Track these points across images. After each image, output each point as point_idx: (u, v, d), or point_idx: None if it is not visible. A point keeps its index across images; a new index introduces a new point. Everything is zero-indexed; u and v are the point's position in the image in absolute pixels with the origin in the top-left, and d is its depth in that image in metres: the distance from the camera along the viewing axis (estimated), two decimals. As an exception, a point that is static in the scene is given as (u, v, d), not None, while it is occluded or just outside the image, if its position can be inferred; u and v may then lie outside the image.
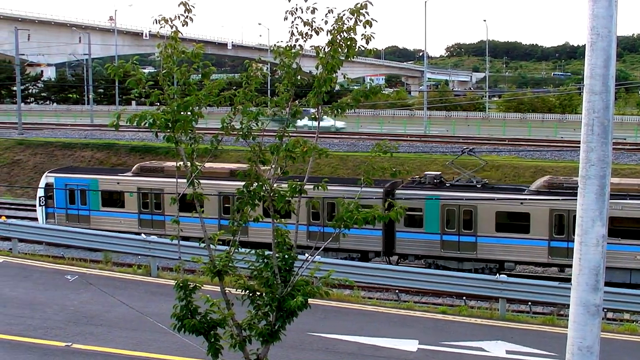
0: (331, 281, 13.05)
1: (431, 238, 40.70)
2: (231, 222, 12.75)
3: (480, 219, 39.94)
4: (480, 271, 38.89)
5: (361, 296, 31.19)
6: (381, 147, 12.43)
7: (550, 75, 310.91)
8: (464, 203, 39.95)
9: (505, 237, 39.62)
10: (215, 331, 12.64)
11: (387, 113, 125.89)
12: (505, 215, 40.09)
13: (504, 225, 39.90)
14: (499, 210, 39.97)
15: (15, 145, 78.37)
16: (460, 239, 40.24)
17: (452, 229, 40.34)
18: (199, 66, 12.48)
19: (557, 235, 38.62)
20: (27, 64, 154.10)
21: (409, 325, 25.76)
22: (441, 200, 39.87)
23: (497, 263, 40.11)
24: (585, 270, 8.12)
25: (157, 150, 68.25)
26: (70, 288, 28.50)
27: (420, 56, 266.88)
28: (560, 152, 65.78)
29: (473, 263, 40.31)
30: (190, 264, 14.68)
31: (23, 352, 21.23)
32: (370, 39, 12.07)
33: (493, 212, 39.88)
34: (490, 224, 39.93)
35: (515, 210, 39.78)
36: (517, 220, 39.74)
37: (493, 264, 40.14)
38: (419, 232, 40.45)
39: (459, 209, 40.20)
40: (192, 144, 12.44)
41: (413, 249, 41.31)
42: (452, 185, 41.90)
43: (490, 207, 39.67)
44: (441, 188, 41.27)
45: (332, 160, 62.11)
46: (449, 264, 40.48)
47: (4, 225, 36.74)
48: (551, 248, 38.85)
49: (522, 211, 39.47)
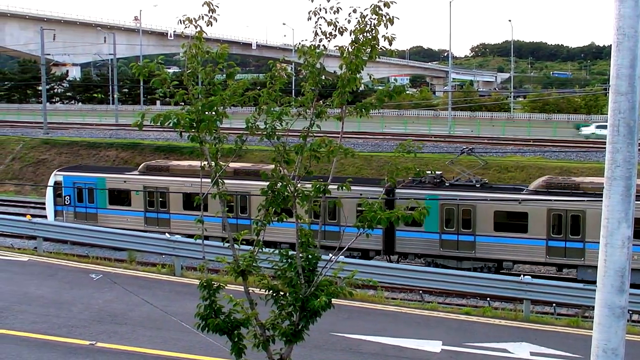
0: (355, 281, 13.04)
1: (430, 237, 41.09)
2: (255, 222, 12.74)
3: (479, 219, 40.23)
4: (479, 270, 38.93)
5: (385, 297, 31.16)
6: (405, 147, 12.40)
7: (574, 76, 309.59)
8: (462, 202, 40.14)
9: (503, 237, 39.90)
10: (238, 331, 12.63)
11: (411, 113, 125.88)
12: (504, 214, 40.44)
13: (503, 224, 40.23)
14: (498, 209, 40.33)
15: (41, 145, 78.75)
16: (459, 238, 40.41)
17: (451, 229, 40.59)
18: (223, 66, 12.48)
19: (554, 235, 38.75)
20: (52, 64, 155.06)
21: (433, 326, 25.70)
22: (440, 200, 39.98)
23: (495, 262, 40.45)
24: (610, 272, 8.07)
25: (182, 150, 68.40)
26: (95, 287, 28.60)
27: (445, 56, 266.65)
28: (586, 152, 65.54)
29: (472, 262, 40.62)
30: (214, 264, 14.69)
31: (48, 350, 21.32)
32: (393, 40, 12.04)
33: (491, 212, 40.25)
34: (489, 223, 40.26)
35: (514, 210, 40.08)
36: (516, 219, 39.99)
37: (491, 263, 40.44)
38: (418, 232, 40.58)
39: (458, 208, 40.43)
40: (216, 144, 12.44)
41: (412, 248, 41.77)
42: (452, 184, 42.20)
43: (489, 206, 39.99)
44: (440, 187, 41.49)
45: (357, 160, 62.09)
46: (448, 263, 40.80)
47: (29, 224, 36.92)
48: (549, 247, 39.11)
49: (520, 211, 39.73)
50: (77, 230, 37.49)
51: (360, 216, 12.26)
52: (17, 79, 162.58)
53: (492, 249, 40.03)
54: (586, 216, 38.04)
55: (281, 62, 13.10)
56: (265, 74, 12.79)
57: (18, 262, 32.60)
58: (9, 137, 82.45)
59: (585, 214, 38.05)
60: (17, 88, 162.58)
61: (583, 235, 38.24)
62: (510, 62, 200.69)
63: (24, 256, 33.88)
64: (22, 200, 63.68)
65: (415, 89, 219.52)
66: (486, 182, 43.60)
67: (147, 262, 37.53)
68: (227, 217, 13.04)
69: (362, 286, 29.53)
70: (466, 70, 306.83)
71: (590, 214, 37.83)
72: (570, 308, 33.37)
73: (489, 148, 69.36)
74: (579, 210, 38.15)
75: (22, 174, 75.48)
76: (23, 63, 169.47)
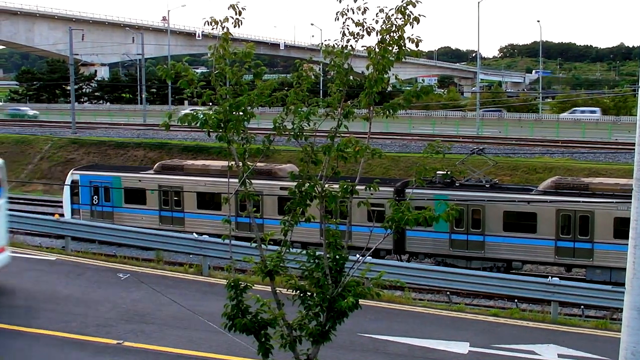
0: (382, 282, 13.01)
1: (440, 237, 41.27)
2: (283, 222, 12.75)
3: (488, 219, 40.26)
4: (488, 270, 38.89)
5: (412, 297, 31.11)
6: (433, 148, 12.38)
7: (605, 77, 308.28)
8: (472, 203, 40.09)
9: (512, 237, 39.97)
10: (265, 331, 12.65)
11: (439, 114, 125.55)
12: (513, 215, 40.44)
13: (512, 224, 40.33)
14: (507, 210, 40.37)
15: (69, 144, 79.17)
16: (469, 238, 40.38)
17: (461, 228, 40.60)
18: (250, 66, 12.48)
19: (563, 235, 38.65)
20: (80, 64, 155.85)
21: (460, 328, 25.62)
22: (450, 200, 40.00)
23: (504, 262, 40.52)
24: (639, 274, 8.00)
25: (210, 150, 68.49)
26: (123, 286, 28.67)
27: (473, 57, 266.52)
28: (615, 154, 65.20)
29: (481, 262, 40.73)
30: (242, 264, 14.69)
31: (76, 349, 21.39)
32: (418, 42, 12.02)
33: (501, 212, 40.31)
34: (498, 223, 40.36)
35: (523, 210, 40.12)
36: (525, 220, 40.05)
37: (501, 263, 40.55)
38: (428, 231, 40.56)
39: (468, 208, 40.40)
40: (244, 144, 12.46)
41: (423, 248, 42.04)
42: (462, 184, 42.23)
43: (498, 206, 40.03)
44: (450, 188, 41.48)
45: (384, 161, 61.96)
46: (458, 262, 40.94)
47: (57, 223, 37.12)
48: (557, 248, 39.10)
49: (529, 211, 39.78)
50: (105, 230, 37.61)
51: (387, 216, 12.24)
52: (45, 79, 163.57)
53: (502, 249, 40.21)
54: (595, 217, 37.98)
55: (307, 62, 13.10)
56: (292, 74, 12.79)
57: (46, 261, 32.72)
58: (37, 137, 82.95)
59: (594, 214, 38.01)
60: (45, 88, 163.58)
61: (592, 236, 38.22)
62: (538, 63, 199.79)
63: (52, 255, 34.01)
64: (50, 199, 63.98)
65: (443, 89, 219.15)
66: (496, 182, 43.84)
67: (174, 262, 37.61)
68: (255, 217, 13.06)
69: (389, 287, 29.50)
70: (494, 71, 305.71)
71: (599, 215, 37.83)
72: (598, 310, 33.22)
73: (516, 149, 69.14)
74: (587, 210, 38.08)
75: (50, 173, 75.95)
76: (52, 63, 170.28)
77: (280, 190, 40.54)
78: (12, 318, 23.86)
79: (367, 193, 12.27)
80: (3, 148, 78.61)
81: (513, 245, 39.77)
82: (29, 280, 29.15)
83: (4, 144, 79.64)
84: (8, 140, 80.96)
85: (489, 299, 35.84)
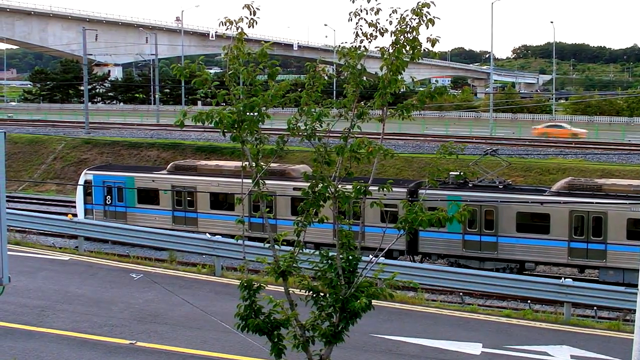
0: (395, 283, 13.02)
1: (453, 238, 41.06)
2: (296, 223, 12.76)
3: (501, 220, 40.12)
4: (501, 271, 38.86)
5: (425, 298, 31.09)
6: (447, 149, 12.38)
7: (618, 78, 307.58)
8: (485, 203, 40.06)
9: (525, 238, 39.82)
10: (278, 331, 12.67)
11: (452, 115, 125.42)
12: (526, 215, 40.28)
13: (525, 225, 40.12)
14: (520, 210, 40.21)
15: (82, 144, 79.24)
16: (482, 238, 40.35)
17: (474, 229, 40.54)
18: (265, 65, 12.49)
19: (576, 237, 38.53)
20: (94, 64, 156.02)
21: (473, 329, 25.60)
22: (463, 201, 39.90)
23: (517, 263, 40.35)
24: (653, 275, 8.00)
25: (223, 150, 68.40)
26: (135, 286, 28.74)
27: (487, 58, 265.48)
28: (628, 155, 65.06)
29: (494, 263, 40.51)
30: (255, 264, 14.71)
31: (88, 349, 21.45)
32: (435, 42, 12.03)
33: (514, 213, 40.13)
34: (511, 224, 40.13)
35: (536, 211, 39.93)
36: (538, 220, 39.91)
37: (514, 264, 40.35)
38: (441, 232, 40.44)
39: (481, 209, 40.32)
40: (257, 144, 12.47)
41: (436, 248, 41.75)
42: (475, 185, 42.05)
43: (511, 207, 39.97)
44: (463, 188, 41.36)
45: (397, 162, 61.89)
46: (471, 263, 40.69)
47: (70, 223, 37.22)
48: (571, 249, 38.87)
49: (542, 212, 39.57)
50: (118, 230, 37.69)
51: (401, 217, 12.25)
52: (59, 79, 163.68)
53: (515, 249, 40.01)
54: (608, 218, 37.85)
55: (319, 63, 13.11)
56: (307, 76, 12.78)
57: (59, 261, 32.84)
58: (50, 137, 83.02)
59: (607, 215, 37.86)
60: (59, 88, 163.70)
61: (605, 237, 38.05)
62: (552, 64, 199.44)
63: (65, 255, 34.12)
64: (63, 199, 64.05)
65: (456, 90, 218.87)
66: (509, 183, 43.68)
67: (187, 262, 37.63)
68: (268, 217, 13.07)
69: (402, 288, 29.49)
70: (508, 72, 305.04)
71: (612, 216, 37.67)
72: (611, 311, 33.14)
73: (529, 150, 69.05)
74: (600, 212, 37.96)
75: (63, 173, 75.99)
76: (65, 63, 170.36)
77: (293, 191, 40.55)
78: (24, 318, 23.96)
79: (380, 194, 12.28)
80: (17, 148, 78.78)
81: (526, 246, 39.66)
82: (42, 280, 29.26)
83: (17, 143, 79.73)
84: (21, 140, 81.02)
85: (502, 300, 35.75)
